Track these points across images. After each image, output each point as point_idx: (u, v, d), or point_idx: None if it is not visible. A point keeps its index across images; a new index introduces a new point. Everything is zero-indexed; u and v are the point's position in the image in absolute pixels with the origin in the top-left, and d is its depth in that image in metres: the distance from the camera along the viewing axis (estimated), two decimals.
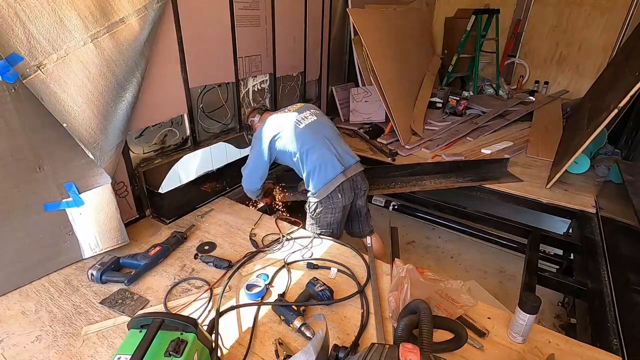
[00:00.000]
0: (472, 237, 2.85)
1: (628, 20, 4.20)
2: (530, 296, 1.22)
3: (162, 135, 2.05)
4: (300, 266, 1.65)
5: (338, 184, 1.90)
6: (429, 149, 3.12)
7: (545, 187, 2.54)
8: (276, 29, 2.60)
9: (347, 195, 1.95)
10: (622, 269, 1.73)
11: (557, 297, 2.46)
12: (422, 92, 3.81)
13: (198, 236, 1.86)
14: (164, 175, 1.99)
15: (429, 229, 3.35)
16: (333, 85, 3.67)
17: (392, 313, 1.31)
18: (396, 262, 1.48)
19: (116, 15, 1.48)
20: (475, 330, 1.30)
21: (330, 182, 1.90)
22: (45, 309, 1.39)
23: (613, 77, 2.94)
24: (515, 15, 4.86)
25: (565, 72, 4.76)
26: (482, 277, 2.83)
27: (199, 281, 1.54)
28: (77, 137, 1.47)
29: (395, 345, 0.87)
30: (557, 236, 2.40)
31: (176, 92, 2.01)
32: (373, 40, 3.01)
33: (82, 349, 1.23)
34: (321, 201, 1.92)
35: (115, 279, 1.51)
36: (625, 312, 1.52)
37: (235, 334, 1.29)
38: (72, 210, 1.59)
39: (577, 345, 1.27)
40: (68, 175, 1.55)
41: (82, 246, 1.65)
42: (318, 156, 1.90)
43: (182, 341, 0.90)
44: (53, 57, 1.34)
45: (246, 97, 2.59)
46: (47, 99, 1.36)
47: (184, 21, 1.89)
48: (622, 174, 2.11)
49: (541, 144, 3.19)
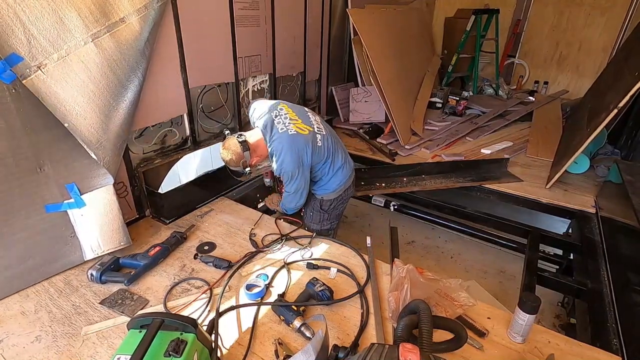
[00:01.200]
0: (472, 237, 2.85)
1: (628, 20, 4.20)
2: (530, 296, 1.22)
3: (162, 135, 2.05)
4: (300, 266, 1.65)
5: (353, 178, 2.07)
6: (429, 149, 3.12)
7: (545, 187, 2.54)
8: (276, 29, 2.60)
9: (354, 187, 2.11)
10: (621, 269, 1.73)
11: (557, 297, 2.46)
12: (422, 92, 3.81)
13: (198, 236, 1.86)
14: (164, 176, 1.99)
15: (429, 229, 3.35)
16: (333, 85, 3.67)
17: (392, 313, 1.31)
18: (396, 262, 1.48)
19: (116, 14, 1.48)
20: (475, 330, 1.30)
21: (348, 178, 2.01)
22: (44, 309, 1.39)
23: (613, 77, 2.94)
24: (515, 15, 4.86)
25: (565, 72, 4.76)
26: (482, 277, 2.83)
27: (199, 281, 1.54)
28: (79, 137, 1.47)
29: (395, 345, 0.87)
30: (557, 236, 2.40)
31: (176, 92, 2.01)
32: (373, 40, 3.01)
33: (82, 349, 1.22)
34: (339, 197, 2.02)
35: (115, 279, 1.51)
36: (625, 312, 1.52)
37: (235, 334, 1.29)
38: (73, 212, 1.58)
39: (577, 345, 1.27)
40: (69, 176, 1.55)
41: (84, 248, 1.64)
42: (341, 159, 1.95)
43: (181, 341, 0.90)
44: (54, 57, 1.34)
45: (246, 97, 2.59)
46: (48, 99, 1.36)
47: (184, 21, 1.89)
48: (621, 174, 2.11)
49: (541, 144, 3.19)
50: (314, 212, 2.07)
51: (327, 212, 2.05)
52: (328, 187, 1.98)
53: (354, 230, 3.39)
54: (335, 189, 1.98)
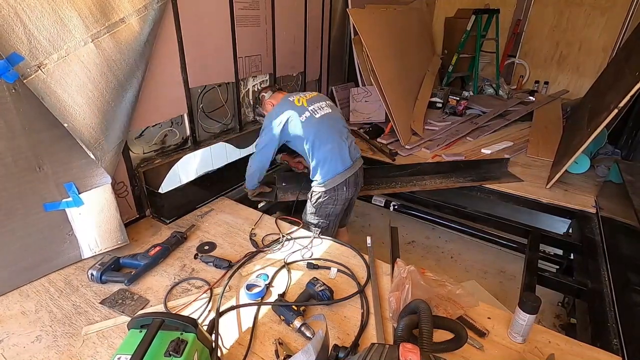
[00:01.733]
0: (472, 237, 2.85)
1: (628, 20, 4.20)
2: (530, 296, 1.22)
3: (162, 135, 2.05)
4: (300, 266, 1.65)
5: (347, 177, 1.98)
6: (429, 149, 3.12)
7: (545, 187, 2.54)
8: (276, 29, 2.60)
9: (351, 189, 2.04)
10: (622, 269, 1.73)
11: (557, 297, 2.46)
12: (422, 92, 3.81)
13: (198, 236, 1.86)
14: (164, 175, 1.99)
15: (429, 229, 3.35)
16: (333, 85, 3.67)
17: (393, 313, 1.30)
18: (398, 263, 1.48)
19: (116, 15, 1.48)
20: (475, 330, 1.30)
21: (339, 175, 1.97)
22: (45, 309, 1.39)
23: (613, 77, 2.94)
24: (515, 15, 4.86)
25: (565, 72, 4.76)
26: (482, 277, 2.83)
27: (199, 281, 1.54)
28: (78, 137, 1.47)
29: (395, 345, 0.87)
30: (557, 236, 2.40)
31: (176, 92, 2.01)
32: (373, 40, 3.01)
33: (82, 349, 1.22)
34: (327, 191, 1.98)
35: (115, 279, 1.51)
36: (625, 312, 1.52)
37: (235, 334, 1.29)
38: (71, 211, 1.59)
39: (577, 345, 1.27)
40: (68, 175, 1.55)
41: (82, 246, 1.65)
42: (331, 148, 1.94)
43: (182, 341, 0.89)
44: (53, 56, 1.34)
45: (246, 97, 2.59)
46: (47, 99, 1.36)
47: (184, 21, 1.89)
48: (622, 174, 2.11)
49: (541, 144, 3.19)
50: (307, 201, 2.10)
51: (313, 205, 2.04)
52: (317, 175, 1.99)
53: (354, 230, 3.38)
54: (323, 180, 1.97)
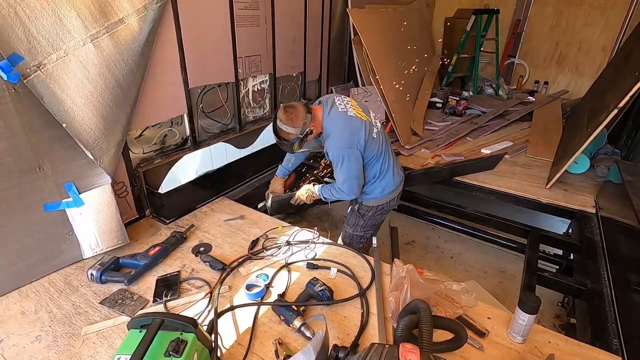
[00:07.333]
0: (472, 237, 2.85)
1: (628, 20, 4.20)
2: (530, 296, 1.22)
3: (162, 135, 2.05)
4: (300, 266, 1.65)
5: (400, 190, 1.98)
6: (429, 149, 3.12)
7: (545, 187, 2.54)
8: (276, 29, 2.60)
9: (398, 199, 2.02)
10: (621, 269, 1.73)
11: (557, 297, 2.46)
12: (422, 92, 3.81)
13: (198, 236, 1.86)
14: (164, 175, 1.99)
15: (429, 229, 3.35)
16: (333, 85, 3.67)
17: (392, 313, 1.31)
18: (396, 262, 1.48)
19: (116, 15, 1.48)
20: (475, 330, 1.30)
21: (395, 189, 1.93)
22: (45, 309, 1.39)
23: (613, 77, 2.94)
24: (515, 15, 4.86)
25: (565, 72, 4.76)
26: (482, 277, 2.82)
27: (199, 281, 1.54)
28: (77, 137, 1.47)
29: (395, 345, 0.87)
30: (557, 236, 2.40)
31: (176, 92, 2.01)
32: (373, 40, 3.01)
33: (82, 349, 1.22)
34: (383, 205, 1.93)
35: (115, 279, 1.51)
36: (625, 312, 1.52)
37: (235, 334, 1.29)
38: (72, 211, 1.58)
39: (577, 345, 1.27)
40: (68, 175, 1.55)
41: (82, 246, 1.65)
42: (390, 163, 1.87)
43: (181, 341, 0.90)
44: (52, 57, 1.34)
45: (246, 97, 2.59)
46: (47, 99, 1.36)
47: (184, 21, 1.89)
48: (621, 174, 2.11)
49: (541, 144, 3.19)
50: (352, 213, 2.01)
51: (363, 218, 1.95)
52: (371, 192, 1.89)
53: None
54: (378, 195, 1.89)
